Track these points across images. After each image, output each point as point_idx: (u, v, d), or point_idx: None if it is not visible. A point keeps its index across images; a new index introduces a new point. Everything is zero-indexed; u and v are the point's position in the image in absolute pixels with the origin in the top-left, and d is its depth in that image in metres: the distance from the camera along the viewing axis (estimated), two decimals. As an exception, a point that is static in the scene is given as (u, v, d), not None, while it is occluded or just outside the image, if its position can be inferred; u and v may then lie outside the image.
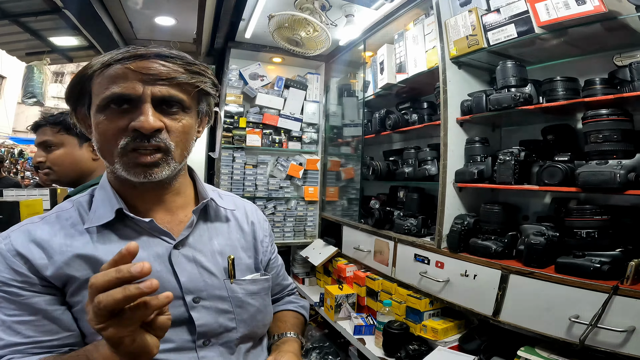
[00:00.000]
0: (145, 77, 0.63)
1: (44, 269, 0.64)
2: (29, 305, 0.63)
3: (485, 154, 1.53)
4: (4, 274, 0.63)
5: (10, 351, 0.62)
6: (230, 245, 0.79)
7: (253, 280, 0.78)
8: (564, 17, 1.23)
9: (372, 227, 2.00)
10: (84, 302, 0.60)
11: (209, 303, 0.71)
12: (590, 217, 1.14)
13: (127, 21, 2.66)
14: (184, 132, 0.68)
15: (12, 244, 0.65)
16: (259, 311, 0.78)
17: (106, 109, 0.64)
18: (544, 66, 1.55)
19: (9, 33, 3.05)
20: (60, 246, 0.66)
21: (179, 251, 0.71)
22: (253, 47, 2.61)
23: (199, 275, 0.71)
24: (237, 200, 0.91)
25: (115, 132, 0.64)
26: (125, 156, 0.65)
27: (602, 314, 1.00)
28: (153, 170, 0.65)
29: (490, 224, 1.43)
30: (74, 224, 0.69)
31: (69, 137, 1.20)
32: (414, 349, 1.52)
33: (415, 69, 1.85)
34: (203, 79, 0.69)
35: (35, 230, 0.67)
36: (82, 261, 0.65)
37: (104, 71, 0.65)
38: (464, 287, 1.42)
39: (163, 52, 0.66)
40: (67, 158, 1.21)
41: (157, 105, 0.65)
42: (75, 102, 0.70)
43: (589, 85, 1.25)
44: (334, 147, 2.85)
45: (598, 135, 1.15)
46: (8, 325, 0.63)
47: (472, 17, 1.50)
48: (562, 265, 1.14)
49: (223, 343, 0.72)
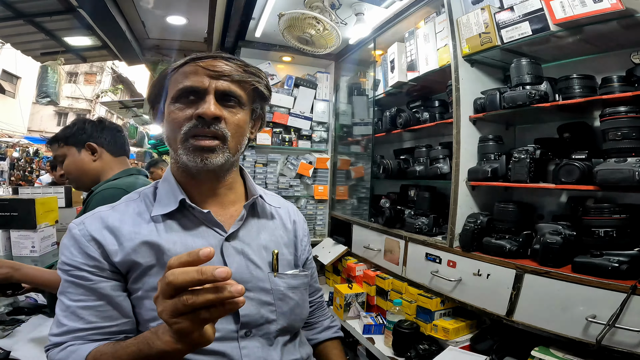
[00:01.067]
0: (211, 72, 0.72)
1: (114, 255, 0.69)
2: (95, 290, 0.67)
3: (499, 152, 1.52)
4: (77, 258, 0.68)
5: (71, 337, 0.66)
6: (274, 240, 0.83)
7: (294, 275, 0.82)
8: (580, 15, 1.21)
9: (383, 225, 1.99)
10: (144, 289, 0.67)
11: (253, 294, 0.75)
12: (609, 216, 1.12)
13: (140, 20, 2.70)
14: (239, 125, 0.75)
15: (87, 229, 0.70)
16: (298, 305, 0.82)
17: (178, 100, 0.73)
18: (559, 64, 1.53)
19: (24, 33, 3.11)
20: (129, 233, 0.71)
21: (230, 243, 0.76)
22: (263, 46, 2.62)
23: (246, 268, 0.76)
24: (281, 200, 0.97)
25: (181, 120, 0.72)
26: (186, 141, 0.71)
27: (620, 314, 0.98)
28: (210, 155, 0.71)
29: (504, 222, 1.42)
30: (141, 212, 0.75)
31: (68, 148, 1.34)
32: (424, 349, 1.51)
33: (427, 67, 1.84)
34: (258, 79, 0.77)
35: (108, 217, 0.73)
36: (147, 248, 0.70)
37: (179, 69, 0.74)
38: (476, 286, 1.40)
39: (226, 55, 0.76)
40: (73, 165, 1.35)
41: (219, 98, 0.73)
42: (153, 100, 0.79)
43: (606, 82, 1.23)
44: (343, 145, 2.84)
45: (616, 133, 1.13)
46: (72, 310, 0.67)
47: (484, 15, 1.49)
48: (579, 265, 1.12)
49: (263, 334, 0.75)
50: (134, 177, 1.32)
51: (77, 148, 1.35)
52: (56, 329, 0.67)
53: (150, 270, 0.69)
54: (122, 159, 1.43)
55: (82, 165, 1.35)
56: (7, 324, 1.60)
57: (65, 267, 0.69)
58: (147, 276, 0.69)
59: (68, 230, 0.73)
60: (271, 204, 0.88)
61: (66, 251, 0.70)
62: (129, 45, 2.88)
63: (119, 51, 3.06)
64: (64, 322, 0.66)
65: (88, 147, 1.34)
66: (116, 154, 1.41)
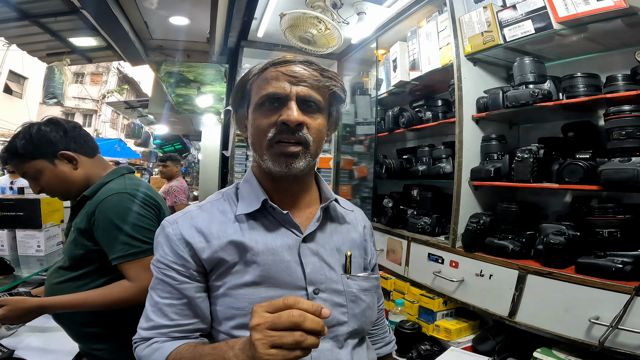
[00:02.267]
0: (292, 78, 0.73)
1: (202, 252, 0.72)
2: (179, 290, 0.72)
3: (502, 151, 1.50)
4: (168, 257, 0.73)
5: (156, 333, 0.71)
6: (346, 243, 0.84)
7: (365, 278, 0.83)
8: (583, 13, 1.20)
9: (385, 225, 1.99)
10: (226, 287, 0.72)
11: (327, 295, 0.75)
12: (613, 216, 1.11)
13: (143, 21, 2.71)
14: (319, 129, 0.77)
15: (179, 229, 0.74)
16: (369, 307, 0.81)
17: (262, 106, 0.74)
18: (563, 62, 1.51)
19: (30, 34, 3.14)
20: (217, 232, 0.74)
21: (306, 244, 0.77)
22: (265, 45, 2.62)
23: (320, 269, 0.76)
24: (352, 205, 0.97)
25: (266, 126, 0.73)
26: (272, 147, 0.73)
27: (623, 315, 0.97)
28: (294, 160, 0.73)
29: (507, 223, 1.41)
30: (225, 212, 0.78)
31: (37, 162, 1.18)
32: (426, 349, 1.50)
33: (429, 67, 1.83)
34: (335, 83, 0.78)
35: (197, 217, 0.77)
36: (233, 246, 0.73)
37: (261, 74, 0.76)
38: (479, 287, 1.39)
39: (305, 60, 0.76)
40: (55, 180, 1.20)
41: (300, 104, 0.73)
42: (237, 104, 0.82)
43: (611, 81, 1.22)
44: (346, 145, 2.83)
45: (621, 132, 1.12)
46: (159, 307, 0.72)
47: (487, 14, 1.48)
48: (582, 266, 1.11)
49: (333, 337, 0.75)
50: (126, 177, 1.27)
51: (48, 160, 1.19)
52: (145, 323, 0.73)
53: (234, 267, 0.73)
54: (98, 157, 1.32)
55: (65, 178, 1.21)
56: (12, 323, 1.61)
57: (158, 264, 0.74)
58: (230, 274, 0.73)
59: (161, 228, 0.77)
60: (345, 207, 0.89)
61: (160, 249, 0.75)
62: (133, 45, 2.90)
63: (123, 52, 3.08)
64: (151, 317, 0.72)
65: (62, 157, 1.19)
66: (91, 155, 1.28)
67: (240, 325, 0.70)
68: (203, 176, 5.77)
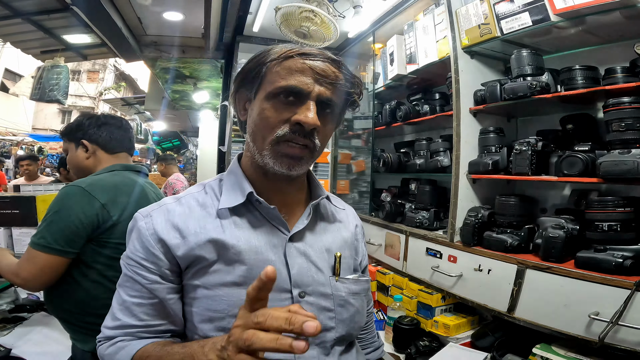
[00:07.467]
0: (317, 75, 0.67)
1: (176, 249, 0.67)
2: (150, 290, 0.67)
3: (500, 144, 1.49)
4: (139, 254, 0.68)
5: (122, 332, 0.67)
6: (337, 243, 0.79)
7: (355, 280, 0.78)
8: (581, 5, 1.17)
9: (383, 220, 1.98)
10: (203, 286, 0.66)
11: (313, 299, 0.71)
12: (613, 209, 1.09)
13: (136, 17, 2.68)
14: (327, 135, 0.73)
15: (153, 224, 0.69)
16: (358, 312, 0.77)
17: (275, 97, 0.67)
18: (561, 55, 1.49)
19: (23, 32, 3.10)
20: (195, 228, 0.69)
21: (293, 243, 0.73)
22: (262, 40, 2.59)
23: (307, 270, 0.72)
24: (343, 203, 0.93)
25: (276, 121, 0.67)
26: (277, 145, 0.67)
27: (623, 311, 0.95)
28: (297, 163, 0.69)
29: (505, 216, 1.39)
30: (205, 205, 0.72)
31: (69, 144, 1.39)
32: (424, 345, 1.50)
33: (426, 60, 1.81)
34: (357, 91, 0.74)
35: (174, 210, 0.71)
36: (212, 245, 0.68)
37: (283, 62, 0.68)
38: (477, 282, 1.39)
39: (333, 57, 0.70)
40: (71, 160, 1.39)
41: (317, 105, 0.68)
42: (241, 82, 0.74)
43: (610, 73, 1.20)
44: (344, 139, 2.82)
45: (620, 124, 1.10)
46: (127, 305, 0.67)
47: (484, 6, 1.46)
48: (582, 260, 1.09)
49: (319, 343, 0.70)
50: (112, 173, 1.30)
51: (75, 144, 1.37)
52: (111, 322, 0.68)
53: (212, 266, 0.67)
54: (119, 156, 1.40)
55: (77, 162, 1.37)
56: (9, 322, 1.61)
57: (128, 260, 0.69)
58: (208, 273, 0.67)
59: (134, 220, 0.71)
60: (336, 205, 0.85)
61: (130, 244, 0.70)
62: (127, 42, 2.86)
63: (117, 48, 3.04)
64: (118, 315, 0.67)
65: (82, 144, 1.35)
66: (112, 151, 1.38)
67: (218, 328, 0.65)
68: (201, 172, 5.76)
